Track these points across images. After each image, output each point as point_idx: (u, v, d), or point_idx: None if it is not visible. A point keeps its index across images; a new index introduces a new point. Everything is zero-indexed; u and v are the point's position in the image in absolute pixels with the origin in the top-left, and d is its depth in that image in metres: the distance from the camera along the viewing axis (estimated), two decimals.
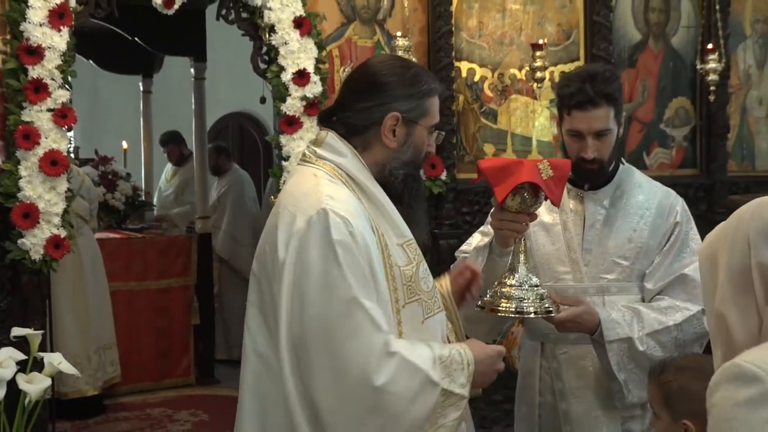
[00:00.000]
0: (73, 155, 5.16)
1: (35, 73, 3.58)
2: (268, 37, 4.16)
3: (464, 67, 4.80)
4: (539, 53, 4.35)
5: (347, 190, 1.92)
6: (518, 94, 4.92)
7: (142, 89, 7.90)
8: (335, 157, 1.96)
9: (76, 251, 4.26)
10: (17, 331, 2.54)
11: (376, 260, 1.86)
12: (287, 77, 4.14)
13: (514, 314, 2.15)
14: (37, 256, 3.61)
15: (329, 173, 1.94)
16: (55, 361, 2.46)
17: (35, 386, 2.38)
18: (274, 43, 4.15)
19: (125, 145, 8.20)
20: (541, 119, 4.98)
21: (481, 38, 4.84)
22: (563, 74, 4.56)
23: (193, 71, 6.59)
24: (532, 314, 2.16)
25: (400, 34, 4.38)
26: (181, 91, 7.54)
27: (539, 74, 4.37)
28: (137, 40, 6.51)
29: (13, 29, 3.63)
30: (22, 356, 2.45)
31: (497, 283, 2.20)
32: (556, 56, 4.95)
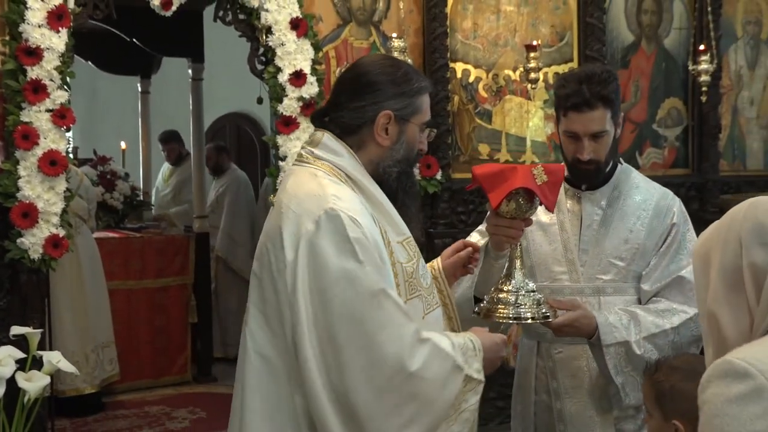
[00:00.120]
0: (71, 155, 5.18)
1: (34, 73, 3.59)
2: (265, 38, 4.18)
3: (459, 68, 4.82)
4: (533, 54, 4.35)
5: (350, 189, 1.92)
6: (512, 94, 4.94)
7: (140, 90, 7.90)
8: (333, 157, 1.96)
9: (74, 250, 4.26)
10: (16, 329, 2.55)
11: (384, 257, 1.88)
12: (284, 78, 4.15)
13: (511, 320, 2.15)
14: (36, 255, 3.62)
15: (328, 173, 1.94)
16: (54, 359, 2.47)
17: (34, 384, 2.39)
18: (271, 44, 4.16)
19: (123, 145, 8.19)
20: (535, 120, 5.01)
21: (475, 39, 4.86)
22: (559, 75, 4.58)
23: (190, 72, 6.60)
24: (529, 320, 2.17)
25: (395, 35, 4.40)
26: (178, 91, 7.55)
27: (533, 75, 4.36)
28: (135, 41, 6.51)
29: (12, 30, 3.63)
30: (21, 354, 2.45)
31: (494, 289, 2.20)
32: (549, 57, 4.97)
